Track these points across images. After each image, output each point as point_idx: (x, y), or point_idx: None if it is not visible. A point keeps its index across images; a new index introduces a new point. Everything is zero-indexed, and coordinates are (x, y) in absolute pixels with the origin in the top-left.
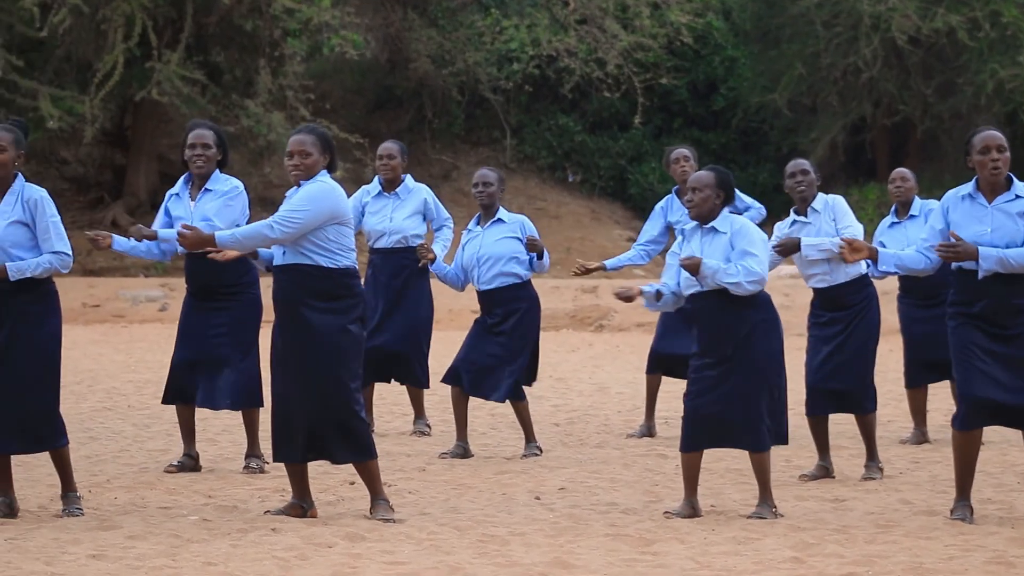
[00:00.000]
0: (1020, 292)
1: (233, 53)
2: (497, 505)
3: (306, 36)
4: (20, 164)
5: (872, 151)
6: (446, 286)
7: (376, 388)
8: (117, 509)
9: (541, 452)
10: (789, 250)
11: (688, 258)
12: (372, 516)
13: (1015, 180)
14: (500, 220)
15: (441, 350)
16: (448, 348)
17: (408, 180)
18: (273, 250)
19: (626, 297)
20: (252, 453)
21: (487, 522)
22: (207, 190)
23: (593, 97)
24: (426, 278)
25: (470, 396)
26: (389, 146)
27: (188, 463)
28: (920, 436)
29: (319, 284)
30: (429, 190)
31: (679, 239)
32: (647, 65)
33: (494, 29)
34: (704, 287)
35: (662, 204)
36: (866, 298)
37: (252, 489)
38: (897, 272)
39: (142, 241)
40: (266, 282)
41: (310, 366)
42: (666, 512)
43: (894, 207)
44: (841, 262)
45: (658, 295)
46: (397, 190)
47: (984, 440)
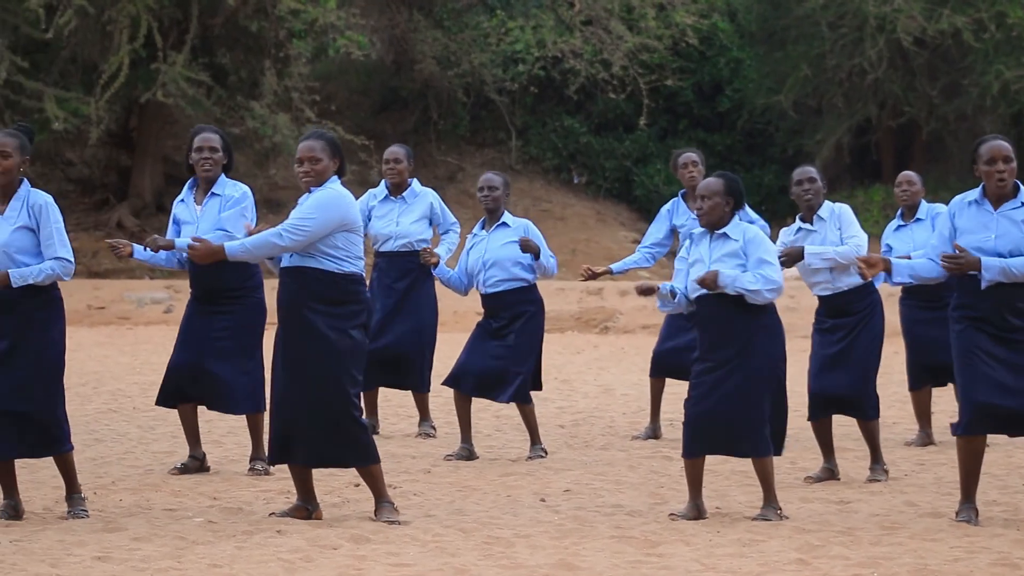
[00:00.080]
0: (1023, 295)
1: (238, 54)
2: (502, 507)
3: (311, 37)
4: (25, 169)
5: (877, 152)
6: (450, 290)
7: (381, 391)
8: (122, 511)
9: (546, 454)
10: (793, 260)
11: (705, 275)
12: (377, 518)
13: (1022, 187)
14: (504, 224)
15: (446, 352)
16: (453, 350)
17: (415, 184)
18: None
19: (647, 289)
20: (257, 455)
21: (492, 524)
22: (214, 194)
23: (598, 98)
24: (431, 281)
25: (475, 396)
26: (395, 150)
27: (192, 465)
28: (925, 438)
29: (324, 288)
30: (435, 194)
31: (686, 243)
32: (652, 66)
33: (499, 30)
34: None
35: (668, 207)
36: (870, 305)
37: (257, 491)
38: (912, 282)
39: (159, 252)
40: (270, 285)
41: (310, 369)
42: (671, 514)
43: (900, 210)
44: (844, 270)
45: (672, 294)
46: (404, 194)
47: (989, 443)
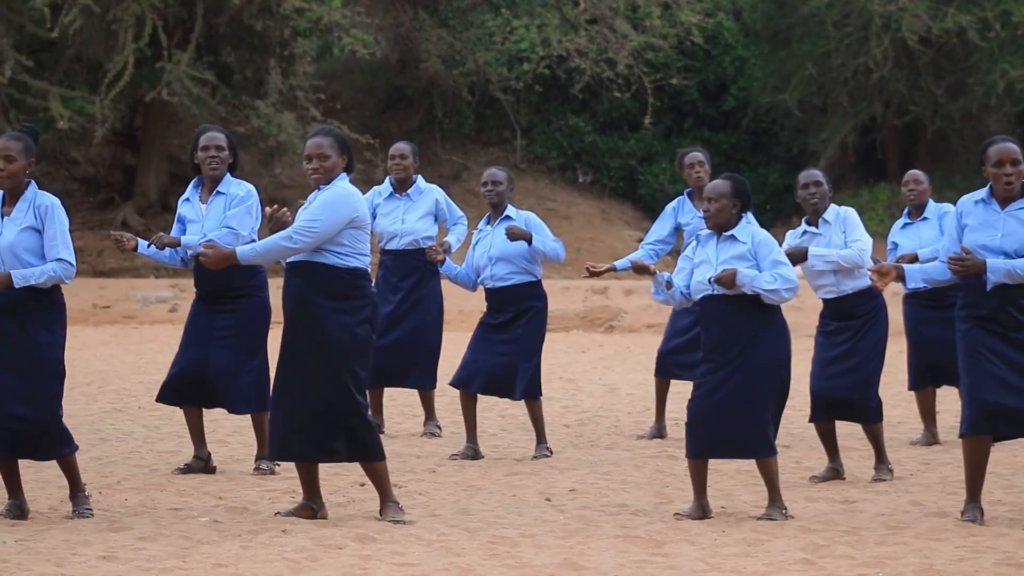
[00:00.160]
0: None
1: (243, 53)
2: (507, 506)
3: (316, 36)
4: (31, 172)
5: (882, 151)
6: (456, 287)
7: (386, 390)
8: (127, 510)
9: (551, 453)
10: (797, 260)
11: (723, 273)
12: (382, 518)
13: None
14: (508, 217)
15: (452, 351)
16: (459, 348)
17: (419, 181)
18: None
19: (642, 267)
20: (262, 455)
21: (497, 523)
22: (219, 193)
23: (603, 97)
24: (437, 279)
25: (485, 395)
26: (401, 146)
27: (197, 465)
28: (930, 437)
29: (328, 283)
30: (441, 191)
31: (692, 243)
32: (657, 65)
33: (504, 29)
34: (717, 290)
35: (673, 205)
36: (875, 308)
37: (262, 490)
38: (925, 286)
39: (164, 249)
40: (275, 284)
41: (315, 365)
42: (676, 514)
43: (907, 209)
44: (849, 273)
45: (668, 284)
46: (409, 191)
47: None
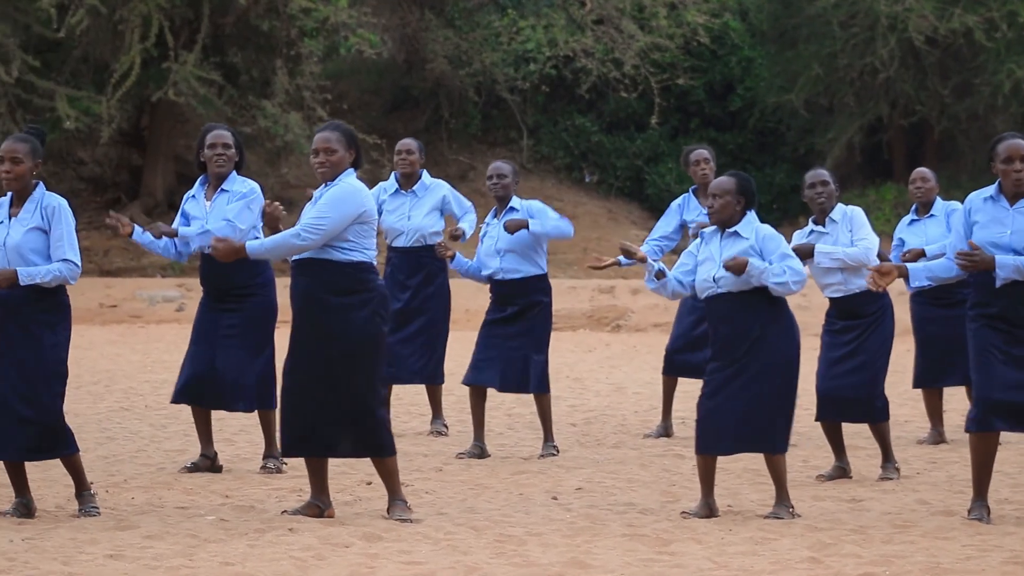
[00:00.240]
0: None
1: (250, 53)
2: (514, 505)
3: (323, 36)
4: (38, 173)
5: (889, 152)
6: (463, 283)
7: (393, 388)
8: (134, 509)
9: (558, 452)
10: (803, 257)
11: (733, 259)
12: (389, 516)
13: None
14: (513, 209)
15: (458, 350)
16: (465, 348)
17: (425, 176)
18: None
19: (631, 251)
20: (269, 453)
21: (504, 522)
22: (223, 190)
23: (610, 97)
24: (444, 276)
25: (502, 392)
26: (408, 142)
27: (203, 464)
28: (937, 436)
29: (334, 279)
30: (447, 185)
31: (697, 240)
32: (664, 65)
33: (511, 29)
34: (725, 287)
35: (679, 201)
36: (881, 308)
37: (269, 489)
38: (930, 284)
39: (161, 238)
40: (282, 283)
41: (325, 361)
42: (683, 512)
43: (915, 206)
44: (856, 272)
45: (660, 274)
46: (414, 188)
47: (1001, 440)
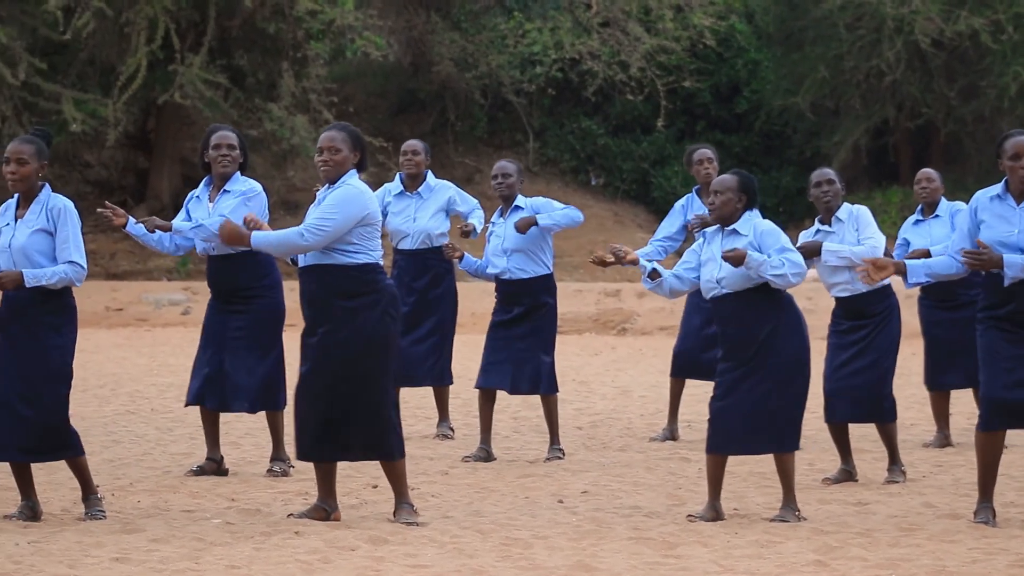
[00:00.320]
0: None
1: (256, 56)
2: (520, 508)
3: (329, 39)
4: (44, 174)
5: (895, 154)
6: (469, 286)
7: (400, 392)
8: (140, 512)
9: (564, 455)
10: (810, 254)
11: (732, 250)
12: (395, 519)
13: None
14: (518, 207)
15: (465, 353)
16: (472, 351)
17: (430, 177)
18: None
19: (618, 256)
20: (276, 456)
21: (510, 525)
22: (226, 191)
23: (616, 100)
24: (451, 278)
25: (513, 394)
26: (413, 143)
27: (209, 467)
28: (943, 439)
29: (340, 283)
30: (453, 185)
31: (699, 240)
32: (670, 68)
33: (517, 32)
34: (729, 287)
35: (682, 202)
36: (888, 308)
37: (275, 492)
38: (929, 281)
39: (154, 231)
40: (289, 285)
41: (336, 365)
42: (689, 515)
43: (920, 206)
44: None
45: (654, 274)
46: (419, 189)
47: (1007, 444)
